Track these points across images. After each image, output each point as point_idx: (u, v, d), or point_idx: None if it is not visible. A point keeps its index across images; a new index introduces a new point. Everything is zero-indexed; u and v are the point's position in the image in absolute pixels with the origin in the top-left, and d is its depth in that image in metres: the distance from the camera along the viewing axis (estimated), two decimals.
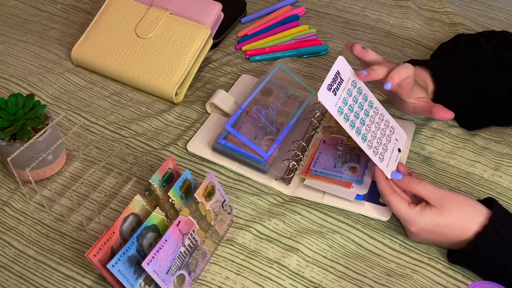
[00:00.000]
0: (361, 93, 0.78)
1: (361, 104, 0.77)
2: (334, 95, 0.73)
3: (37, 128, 0.81)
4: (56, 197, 0.82)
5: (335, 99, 0.73)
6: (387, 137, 0.79)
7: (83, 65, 1.03)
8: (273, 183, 0.83)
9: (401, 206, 0.72)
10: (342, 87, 0.75)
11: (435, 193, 0.71)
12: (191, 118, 0.94)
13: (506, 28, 1.14)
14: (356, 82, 0.77)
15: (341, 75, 0.75)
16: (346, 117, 0.74)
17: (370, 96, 0.79)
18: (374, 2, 1.22)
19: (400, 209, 0.72)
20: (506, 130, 0.92)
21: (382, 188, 0.74)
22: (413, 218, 0.71)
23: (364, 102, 0.78)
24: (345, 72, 0.76)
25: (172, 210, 0.71)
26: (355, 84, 0.77)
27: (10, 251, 0.75)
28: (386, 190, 0.74)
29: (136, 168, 0.85)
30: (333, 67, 0.74)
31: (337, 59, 0.75)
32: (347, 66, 0.76)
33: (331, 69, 0.73)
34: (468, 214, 0.70)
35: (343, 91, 0.75)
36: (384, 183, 0.75)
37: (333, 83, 0.73)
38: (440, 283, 0.71)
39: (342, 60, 0.75)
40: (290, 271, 0.72)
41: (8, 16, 1.16)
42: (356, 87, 0.77)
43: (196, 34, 0.98)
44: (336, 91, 0.73)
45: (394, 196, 0.73)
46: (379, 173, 0.75)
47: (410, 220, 0.71)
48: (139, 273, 0.66)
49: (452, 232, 0.70)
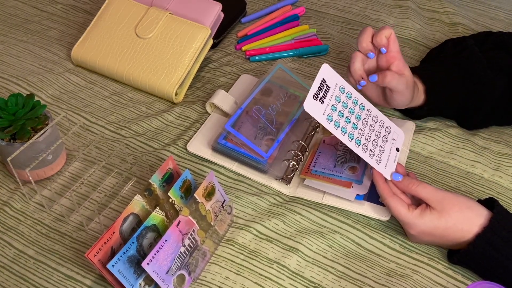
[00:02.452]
0: (350, 97, 0.77)
1: (351, 109, 0.76)
2: (321, 103, 0.73)
3: (37, 128, 0.81)
4: (56, 197, 0.82)
5: (323, 107, 0.73)
6: (383, 138, 0.78)
7: (83, 65, 1.03)
8: (273, 183, 0.83)
9: (400, 209, 0.72)
10: (330, 94, 0.74)
11: (435, 195, 0.71)
12: (191, 118, 0.94)
13: (506, 28, 1.14)
14: (344, 87, 0.77)
15: (327, 83, 0.74)
16: (337, 124, 0.73)
17: (361, 99, 0.79)
18: (374, 2, 1.22)
19: (400, 212, 0.72)
20: (506, 130, 0.92)
21: (381, 191, 0.74)
22: (413, 221, 0.71)
23: (355, 106, 0.77)
24: (331, 79, 0.75)
25: (172, 210, 0.71)
26: (343, 90, 0.76)
27: (10, 251, 0.75)
28: (385, 193, 0.73)
29: (136, 168, 0.85)
30: (317, 76, 0.73)
31: (322, 67, 0.74)
32: (333, 72, 0.76)
33: (316, 78, 0.73)
34: (468, 216, 0.69)
35: (330, 98, 0.74)
36: (383, 186, 0.74)
37: (319, 91, 0.73)
38: (440, 283, 0.71)
39: (326, 67, 0.75)
40: (290, 271, 0.72)
41: (8, 16, 1.16)
42: (344, 92, 0.76)
43: (196, 34, 0.98)
44: (323, 99, 0.73)
45: (393, 199, 0.73)
46: (377, 176, 0.75)
47: (410, 223, 0.71)
48: (139, 273, 0.66)
49: (452, 235, 0.70)
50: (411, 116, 0.91)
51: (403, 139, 0.82)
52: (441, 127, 0.91)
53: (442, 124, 0.91)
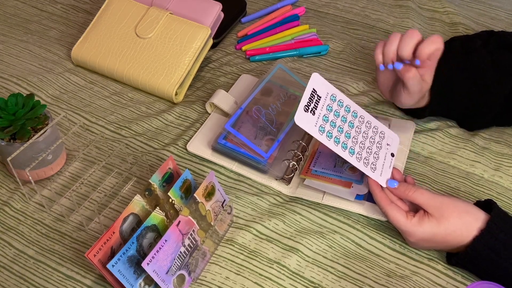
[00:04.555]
0: (342, 105, 0.76)
1: (344, 117, 0.76)
2: (312, 114, 0.72)
3: (37, 128, 0.81)
4: (56, 197, 0.82)
5: (314, 119, 0.72)
6: (377, 144, 0.78)
7: (83, 65, 1.03)
8: (273, 183, 0.83)
9: (399, 218, 0.71)
10: (321, 105, 0.73)
11: (433, 201, 0.70)
12: (191, 118, 0.94)
13: (507, 27, 1.14)
14: (335, 95, 0.76)
15: (318, 93, 0.74)
16: (329, 135, 0.73)
17: (353, 106, 0.78)
18: (374, 2, 1.21)
19: (398, 221, 0.71)
20: (507, 130, 0.92)
21: (378, 200, 0.73)
22: (411, 229, 0.70)
23: (347, 113, 0.77)
24: (321, 89, 0.74)
25: (172, 210, 0.71)
26: (334, 98, 0.76)
27: (10, 251, 0.75)
28: (383, 202, 0.73)
29: (136, 168, 0.85)
30: (307, 87, 0.73)
31: (311, 76, 0.74)
32: (323, 81, 0.75)
33: (306, 89, 0.72)
34: (467, 221, 0.69)
35: (322, 109, 0.73)
36: (380, 194, 0.74)
37: (310, 103, 0.72)
38: (440, 284, 0.71)
39: (316, 76, 0.74)
40: (290, 271, 0.72)
41: (8, 16, 1.16)
42: (336, 101, 0.76)
43: (196, 34, 0.98)
44: (314, 110, 0.72)
45: (391, 207, 0.72)
46: (373, 185, 0.74)
47: (409, 232, 0.71)
48: (139, 273, 0.66)
49: (452, 240, 0.70)
50: (412, 115, 0.91)
51: (398, 143, 0.81)
52: (441, 127, 0.91)
53: (442, 124, 0.91)
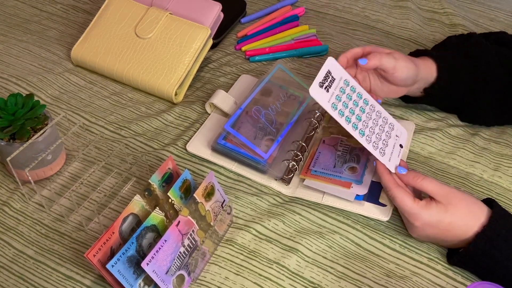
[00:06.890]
0: (354, 91, 0.77)
1: (355, 102, 0.77)
2: (326, 91, 0.73)
3: (36, 128, 0.81)
4: (55, 197, 0.81)
5: (328, 95, 0.73)
6: (386, 133, 0.78)
7: (83, 65, 1.03)
8: (272, 183, 0.83)
9: (406, 200, 0.70)
10: (334, 85, 0.74)
11: (441, 189, 0.70)
12: (191, 118, 0.94)
13: (506, 29, 1.14)
14: (349, 81, 0.77)
15: (332, 74, 0.75)
16: (341, 113, 0.74)
17: (365, 94, 0.79)
18: (374, 3, 1.22)
19: (406, 203, 0.70)
20: (507, 130, 0.92)
21: (386, 182, 0.73)
22: (418, 212, 0.70)
23: (359, 99, 0.77)
24: (336, 72, 0.75)
25: (171, 210, 0.71)
26: (347, 83, 0.77)
27: (9, 251, 0.75)
28: (390, 184, 0.72)
29: (135, 168, 0.85)
30: (323, 67, 0.73)
31: (327, 59, 0.75)
32: (338, 65, 0.76)
33: (321, 69, 0.73)
34: (473, 211, 0.69)
35: (335, 89, 0.74)
36: (388, 177, 0.73)
37: (325, 81, 0.73)
38: (440, 284, 0.71)
39: (331, 60, 0.75)
40: (289, 271, 0.72)
41: (8, 16, 1.16)
42: (349, 85, 0.77)
43: (196, 34, 0.98)
44: (328, 88, 0.73)
45: (399, 190, 0.71)
46: (381, 167, 0.74)
47: (416, 214, 0.70)
48: (139, 273, 0.66)
49: (456, 229, 0.70)
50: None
51: (406, 137, 0.82)
52: (441, 127, 0.91)
53: (442, 124, 0.91)
